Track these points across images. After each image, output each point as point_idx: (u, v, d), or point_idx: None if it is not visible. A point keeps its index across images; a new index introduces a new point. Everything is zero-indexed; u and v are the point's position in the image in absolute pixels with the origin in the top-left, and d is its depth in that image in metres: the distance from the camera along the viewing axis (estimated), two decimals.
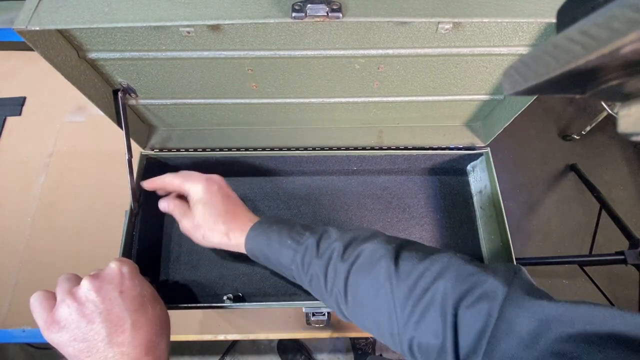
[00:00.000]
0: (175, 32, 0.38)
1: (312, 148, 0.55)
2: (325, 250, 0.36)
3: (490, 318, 0.27)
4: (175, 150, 0.55)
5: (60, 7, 0.32)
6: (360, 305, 0.34)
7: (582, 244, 1.49)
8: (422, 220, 0.57)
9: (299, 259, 0.37)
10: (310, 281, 0.37)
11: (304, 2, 0.31)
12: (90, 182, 0.66)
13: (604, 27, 0.11)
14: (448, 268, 0.31)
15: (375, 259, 0.34)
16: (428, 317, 0.30)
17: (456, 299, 0.29)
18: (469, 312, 0.28)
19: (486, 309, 0.27)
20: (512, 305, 0.26)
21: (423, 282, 0.31)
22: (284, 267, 0.39)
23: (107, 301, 0.32)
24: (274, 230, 0.39)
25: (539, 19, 0.32)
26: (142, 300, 0.34)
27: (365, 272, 0.34)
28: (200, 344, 1.27)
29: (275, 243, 0.38)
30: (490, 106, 0.52)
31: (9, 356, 1.23)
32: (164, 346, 0.34)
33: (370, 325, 0.34)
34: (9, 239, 0.61)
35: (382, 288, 0.32)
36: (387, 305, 0.32)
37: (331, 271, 0.35)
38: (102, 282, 0.33)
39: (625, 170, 1.67)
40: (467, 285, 0.29)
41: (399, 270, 0.32)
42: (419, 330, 0.30)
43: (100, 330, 0.31)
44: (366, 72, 0.45)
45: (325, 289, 0.36)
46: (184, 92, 0.48)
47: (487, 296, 0.28)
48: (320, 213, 0.57)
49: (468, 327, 0.27)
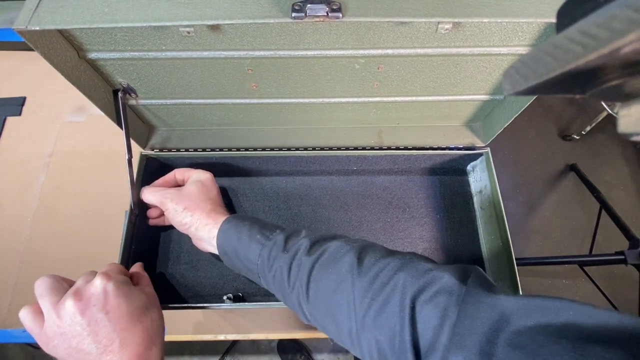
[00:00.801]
0: (175, 32, 0.38)
1: (312, 148, 0.55)
2: (292, 246, 0.37)
3: (446, 313, 0.27)
4: (175, 150, 0.55)
5: (61, 7, 0.32)
6: (321, 300, 0.33)
7: (582, 244, 1.49)
8: (422, 220, 0.57)
9: (265, 253, 0.37)
10: (274, 276, 0.37)
11: (303, 2, 0.31)
12: (90, 182, 0.66)
13: (604, 27, 0.11)
14: (408, 263, 0.32)
15: (340, 254, 0.34)
16: (386, 311, 0.29)
17: (414, 293, 0.29)
18: (427, 306, 0.28)
19: (443, 303, 0.27)
20: (472, 301, 0.27)
21: (383, 275, 0.31)
22: (250, 262, 0.39)
23: (92, 323, 0.32)
24: (245, 225, 0.40)
25: (538, 19, 0.32)
26: (130, 317, 0.34)
27: (329, 267, 0.34)
28: (200, 344, 1.27)
29: (245, 237, 0.39)
30: (490, 106, 0.52)
31: (9, 356, 1.23)
32: (155, 354, 0.34)
33: (330, 324, 0.34)
34: (9, 239, 0.61)
35: (343, 281, 0.32)
36: (347, 299, 0.32)
37: (295, 265, 0.35)
38: (87, 304, 0.33)
39: (625, 170, 1.67)
40: (425, 280, 0.29)
41: (362, 264, 0.33)
42: (378, 324, 0.30)
43: (90, 350, 0.32)
44: (366, 72, 0.45)
45: (288, 284, 0.36)
46: (184, 92, 0.48)
47: (444, 291, 0.28)
48: (320, 213, 0.57)
49: (426, 322, 0.28)
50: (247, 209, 0.57)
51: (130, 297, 0.36)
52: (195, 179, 0.48)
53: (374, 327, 0.30)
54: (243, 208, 0.57)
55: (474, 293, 0.27)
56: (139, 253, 0.49)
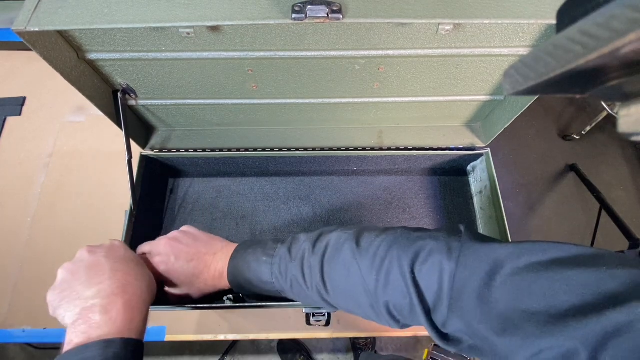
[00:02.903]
0: (175, 33, 0.38)
1: (312, 148, 0.54)
2: (297, 253, 0.39)
3: (442, 267, 0.30)
4: (175, 151, 0.55)
5: (60, 8, 0.32)
6: (339, 289, 0.36)
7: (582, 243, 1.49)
8: (422, 220, 0.57)
9: (276, 270, 0.39)
10: (292, 286, 0.39)
11: (304, 3, 0.31)
12: (90, 182, 0.65)
13: (604, 27, 0.11)
14: (400, 237, 0.35)
15: (340, 244, 0.37)
16: (392, 281, 0.33)
17: (410, 261, 0.32)
18: (424, 268, 0.31)
19: (438, 260, 0.31)
20: (468, 253, 0.30)
21: (380, 251, 0.34)
22: (265, 284, 0.40)
23: (92, 255, 0.37)
24: (249, 254, 0.41)
25: (539, 21, 0.32)
26: (125, 259, 0.38)
27: (335, 259, 0.36)
28: (200, 344, 1.27)
29: (253, 265, 0.40)
30: (491, 107, 0.52)
31: (9, 356, 1.23)
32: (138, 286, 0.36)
33: (353, 306, 0.37)
34: (9, 239, 0.61)
35: (351, 267, 0.35)
36: (359, 280, 0.35)
37: (307, 268, 0.37)
38: (94, 246, 0.39)
39: (625, 170, 1.67)
40: (417, 247, 0.33)
41: (360, 247, 0.36)
42: (388, 293, 0.33)
43: (80, 277, 0.35)
44: (366, 73, 0.45)
45: (306, 287, 0.38)
46: (183, 93, 0.48)
47: (435, 251, 0.31)
48: (320, 213, 0.57)
49: (427, 280, 0.31)
50: (248, 209, 0.57)
51: (131, 253, 0.40)
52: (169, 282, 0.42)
53: (387, 294, 0.33)
54: (243, 208, 0.57)
55: (469, 246, 0.30)
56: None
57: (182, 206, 0.57)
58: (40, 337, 0.56)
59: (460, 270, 0.29)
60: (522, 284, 0.25)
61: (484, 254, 0.29)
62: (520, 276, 0.25)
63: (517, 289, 0.25)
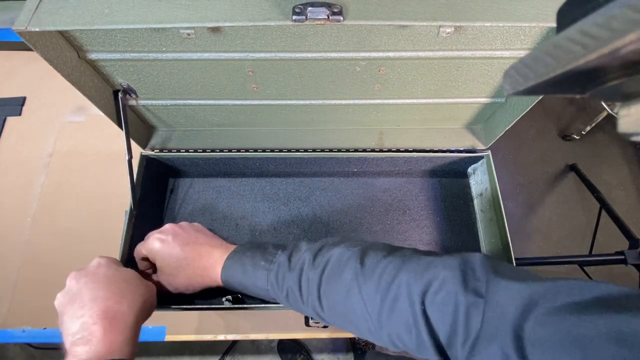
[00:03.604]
0: (175, 34, 0.38)
1: (312, 150, 0.54)
2: (297, 263, 0.38)
3: (457, 300, 0.28)
4: (175, 151, 0.55)
5: (61, 8, 0.32)
6: (335, 310, 0.35)
7: (582, 244, 1.49)
8: (422, 222, 0.57)
9: (272, 277, 0.38)
10: (287, 296, 0.38)
11: (304, 4, 0.31)
12: (90, 182, 0.65)
13: (604, 27, 0.11)
14: (409, 260, 0.33)
15: (342, 262, 0.35)
16: (397, 309, 0.31)
17: (421, 290, 0.30)
18: (437, 298, 0.29)
19: (453, 292, 0.28)
20: (496, 290, 0.27)
21: (387, 275, 0.32)
22: (259, 289, 0.40)
23: (76, 283, 0.38)
24: (247, 257, 0.41)
25: (541, 24, 0.32)
26: (105, 280, 0.38)
27: (335, 276, 0.35)
28: (200, 344, 1.27)
29: (249, 268, 0.40)
30: (492, 109, 0.52)
31: (9, 356, 1.23)
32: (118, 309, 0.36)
33: (349, 327, 0.35)
34: (9, 239, 0.61)
35: (351, 289, 0.33)
36: (358, 304, 0.33)
37: (304, 281, 0.36)
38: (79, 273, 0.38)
39: (625, 170, 1.67)
40: (430, 275, 0.30)
41: (365, 268, 0.34)
42: (392, 322, 0.31)
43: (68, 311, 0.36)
44: (367, 75, 0.45)
45: (302, 301, 0.37)
46: (184, 93, 0.48)
47: (450, 281, 0.29)
48: (320, 215, 0.57)
49: (439, 313, 0.29)
50: (247, 210, 0.57)
51: (115, 269, 0.39)
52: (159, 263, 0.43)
53: (390, 323, 0.31)
54: (243, 209, 0.57)
55: (496, 282, 0.27)
56: None
57: (182, 206, 0.57)
58: (40, 337, 0.56)
59: (488, 306, 0.27)
60: (562, 325, 0.22)
61: (515, 290, 0.26)
62: (559, 317, 0.23)
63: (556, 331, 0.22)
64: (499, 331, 0.25)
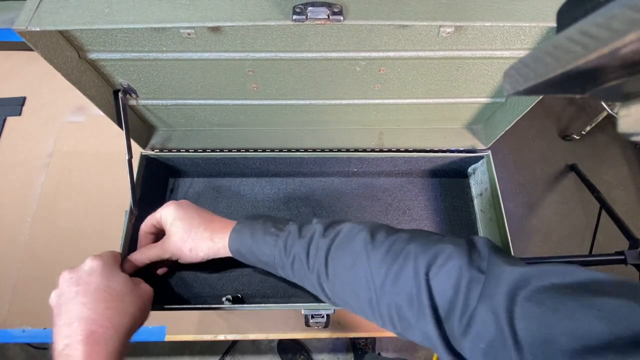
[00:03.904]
0: (175, 34, 0.38)
1: (312, 149, 0.54)
2: (307, 232, 0.38)
3: (461, 274, 0.29)
4: (175, 151, 0.55)
5: (61, 8, 0.32)
6: (340, 277, 0.35)
7: (582, 244, 1.48)
8: (423, 222, 0.57)
9: (281, 243, 0.39)
10: (293, 263, 0.38)
11: (305, 4, 0.31)
12: (90, 182, 0.65)
13: (604, 27, 0.11)
14: (419, 235, 0.34)
15: (353, 233, 0.36)
16: (402, 278, 0.31)
17: (427, 261, 0.31)
18: (442, 271, 0.30)
19: (456, 267, 0.29)
20: (495, 268, 0.29)
21: (396, 246, 0.33)
22: (266, 256, 0.40)
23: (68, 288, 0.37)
24: (258, 223, 0.41)
25: (541, 23, 0.32)
26: (96, 294, 0.37)
27: (344, 245, 0.36)
28: (200, 344, 1.27)
29: (259, 233, 0.40)
30: (492, 109, 0.52)
31: (9, 356, 1.23)
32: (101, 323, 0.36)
33: (350, 297, 0.35)
34: (9, 239, 0.61)
35: (359, 257, 0.34)
36: (364, 272, 0.34)
37: (313, 248, 0.37)
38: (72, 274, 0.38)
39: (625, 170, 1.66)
40: (437, 249, 0.31)
41: (375, 240, 0.35)
42: (395, 290, 0.32)
43: (58, 320, 0.36)
44: (367, 75, 0.45)
45: (307, 267, 0.37)
46: (184, 93, 0.48)
47: (455, 257, 0.30)
48: (320, 214, 0.57)
49: (442, 285, 0.30)
50: (247, 210, 0.57)
51: (107, 279, 0.39)
52: (170, 220, 0.43)
53: (392, 292, 0.32)
54: (243, 209, 0.57)
55: (497, 262, 0.29)
56: None
57: None
58: (40, 337, 0.56)
59: (488, 281, 0.28)
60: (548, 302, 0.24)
61: (510, 270, 0.28)
62: (546, 295, 0.24)
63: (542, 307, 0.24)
64: (493, 301, 0.27)
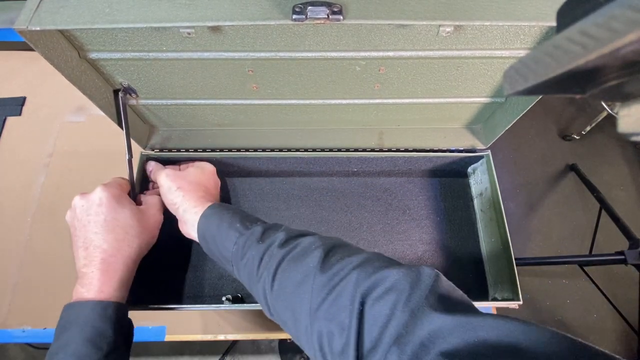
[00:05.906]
0: (175, 33, 0.38)
1: (312, 149, 0.55)
2: (268, 238, 0.37)
3: (394, 312, 0.26)
4: (175, 151, 0.55)
5: (61, 8, 0.32)
6: (284, 292, 0.34)
7: (582, 244, 1.49)
8: (422, 222, 0.57)
9: (241, 242, 0.38)
10: (245, 265, 0.37)
11: (304, 4, 0.31)
12: (90, 182, 0.65)
13: (604, 27, 0.11)
14: (366, 262, 0.31)
15: (310, 249, 0.34)
16: (337, 304, 0.29)
17: (365, 289, 0.29)
18: (377, 304, 0.28)
19: (392, 302, 0.27)
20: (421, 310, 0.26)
21: (342, 272, 0.31)
22: (226, 249, 0.39)
23: (82, 213, 0.42)
24: (228, 213, 0.41)
25: (541, 23, 0.32)
26: (105, 225, 0.41)
27: (298, 260, 0.34)
28: (200, 344, 1.27)
29: (225, 224, 0.40)
30: (492, 109, 0.52)
31: (9, 356, 1.23)
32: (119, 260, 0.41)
33: (289, 318, 0.33)
34: (9, 239, 0.61)
35: (307, 276, 0.32)
36: (307, 293, 0.32)
37: (267, 256, 0.36)
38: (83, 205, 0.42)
39: (625, 170, 1.67)
40: (376, 278, 0.29)
41: (327, 261, 0.33)
42: (328, 318, 0.29)
43: (74, 241, 0.42)
44: (367, 74, 0.45)
45: (256, 274, 0.36)
46: (184, 93, 0.48)
47: (394, 290, 0.28)
48: (320, 214, 0.57)
49: (374, 319, 0.27)
50: (247, 210, 0.57)
51: (115, 211, 0.42)
52: (197, 164, 0.51)
53: (325, 318, 0.30)
54: (243, 208, 0.57)
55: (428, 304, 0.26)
56: None
57: None
58: (40, 337, 0.56)
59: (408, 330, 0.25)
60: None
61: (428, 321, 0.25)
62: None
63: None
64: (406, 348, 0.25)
